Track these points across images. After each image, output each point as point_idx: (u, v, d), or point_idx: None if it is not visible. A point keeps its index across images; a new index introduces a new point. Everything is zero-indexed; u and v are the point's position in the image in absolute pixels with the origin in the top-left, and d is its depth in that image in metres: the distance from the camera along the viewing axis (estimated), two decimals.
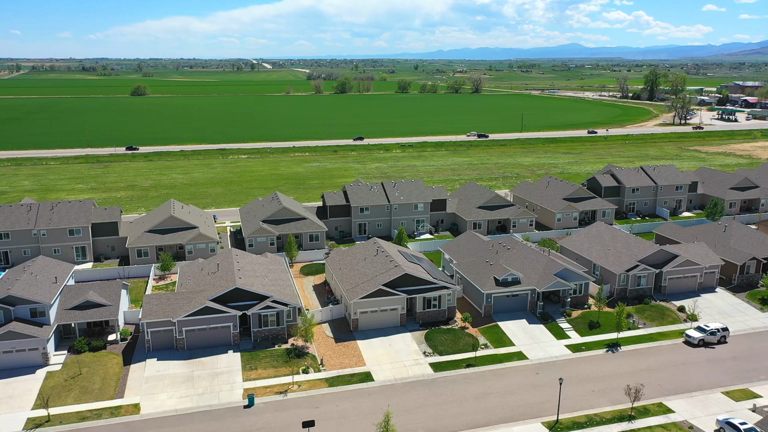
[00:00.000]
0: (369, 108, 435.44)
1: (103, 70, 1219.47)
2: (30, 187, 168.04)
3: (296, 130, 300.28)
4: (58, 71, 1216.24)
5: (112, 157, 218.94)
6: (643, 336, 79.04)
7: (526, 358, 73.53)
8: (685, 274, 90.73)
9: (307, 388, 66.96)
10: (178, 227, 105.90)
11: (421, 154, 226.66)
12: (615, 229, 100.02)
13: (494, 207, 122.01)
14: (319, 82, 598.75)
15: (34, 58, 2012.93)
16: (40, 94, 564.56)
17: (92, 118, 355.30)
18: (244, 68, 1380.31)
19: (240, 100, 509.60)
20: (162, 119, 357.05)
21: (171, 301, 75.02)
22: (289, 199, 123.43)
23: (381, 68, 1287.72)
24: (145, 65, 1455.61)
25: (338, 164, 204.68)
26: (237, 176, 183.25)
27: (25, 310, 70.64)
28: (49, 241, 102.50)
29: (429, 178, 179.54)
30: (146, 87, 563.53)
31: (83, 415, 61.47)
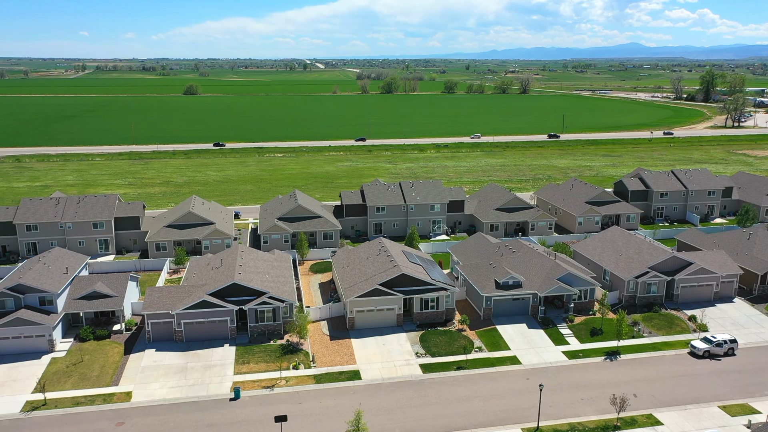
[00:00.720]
0: (412, 108, 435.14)
1: (162, 69, 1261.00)
2: (72, 181, 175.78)
3: (336, 129, 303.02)
4: (121, 71, 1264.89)
5: (153, 154, 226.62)
6: (646, 345, 76.61)
7: (520, 363, 72.45)
8: (699, 283, 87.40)
9: (294, 384, 67.96)
10: (195, 223, 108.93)
11: (455, 155, 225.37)
12: (630, 234, 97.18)
13: (512, 209, 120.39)
14: (365, 82, 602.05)
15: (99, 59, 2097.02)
16: (99, 92, 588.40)
17: (143, 117, 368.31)
18: (297, 68, 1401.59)
19: (287, 99, 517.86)
20: (208, 118, 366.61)
21: (172, 294, 77.40)
22: (307, 197, 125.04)
23: (432, 68, 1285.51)
24: (202, 65, 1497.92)
25: (369, 164, 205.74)
26: (269, 174, 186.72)
27: (35, 298, 74.28)
28: (74, 233, 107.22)
29: (458, 179, 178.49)
30: (198, 86, 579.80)
31: (78, 401, 64.26)
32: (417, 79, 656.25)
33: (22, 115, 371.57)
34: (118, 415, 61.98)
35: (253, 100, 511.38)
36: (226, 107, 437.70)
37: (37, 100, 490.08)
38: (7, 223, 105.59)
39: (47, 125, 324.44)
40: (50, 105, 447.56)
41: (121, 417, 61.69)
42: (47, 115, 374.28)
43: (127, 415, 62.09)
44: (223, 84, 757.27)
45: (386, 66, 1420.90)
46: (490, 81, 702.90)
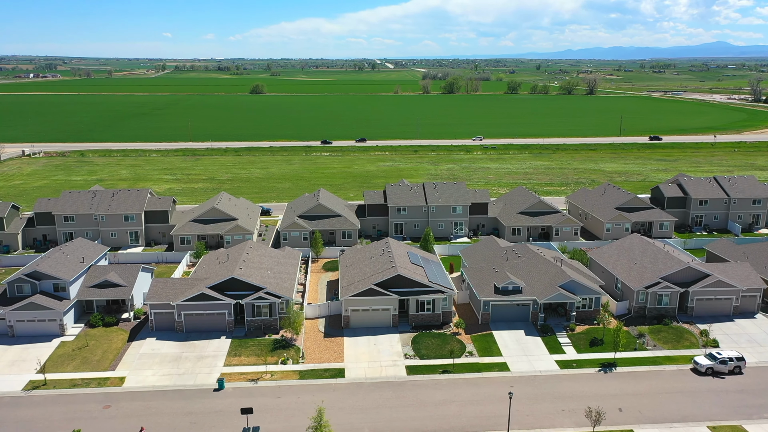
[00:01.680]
0: (471, 109, 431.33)
1: (236, 69, 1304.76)
2: (126, 176, 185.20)
3: (387, 129, 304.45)
4: (197, 71, 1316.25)
5: (206, 151, 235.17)
6: (646, 358, 73.50)
7: (508, 370, 71.15)
8: (717, 296, 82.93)
9: (279, 378, 69.47)
10: (219, 218, 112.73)
11: (501, 156, 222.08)
12: (649, 242, 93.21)
13: (536, 213, 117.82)
14: (426, 82, 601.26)
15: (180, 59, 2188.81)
16: (172, 91, 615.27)
17: (207, 115, 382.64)
18: (366, 68, 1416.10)
19: (349, 99, 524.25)
20: (267, 116, 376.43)
21: (175, 286, 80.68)
22: (332, 196, 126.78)
23: (502, 68, 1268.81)
24: (275, 65, 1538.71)
25: (412, 164, 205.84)
26: (310, 173, 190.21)
27: (49, 284, 79.25)
28: (107, 225, 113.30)
29: (497, 181, 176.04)
30: (264, 86, 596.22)
31: (75, 383, 68.20)
32: (482, 79, 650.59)
33: (97, 113, 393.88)
34: (108, 399, 65.36)
35: (315, 99, 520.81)
36: (288, 106, 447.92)
37: (114, 98, 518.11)
38: (48, 214, 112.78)
39: (119, 122, 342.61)
40: (125, 103, 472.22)
41: (109, 400, 65.03)
42: (120, 113, 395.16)
43: (115, 398, 65.39)
44: (289, 83, 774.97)
45: (456, 66, 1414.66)
46: (558, 82, 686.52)
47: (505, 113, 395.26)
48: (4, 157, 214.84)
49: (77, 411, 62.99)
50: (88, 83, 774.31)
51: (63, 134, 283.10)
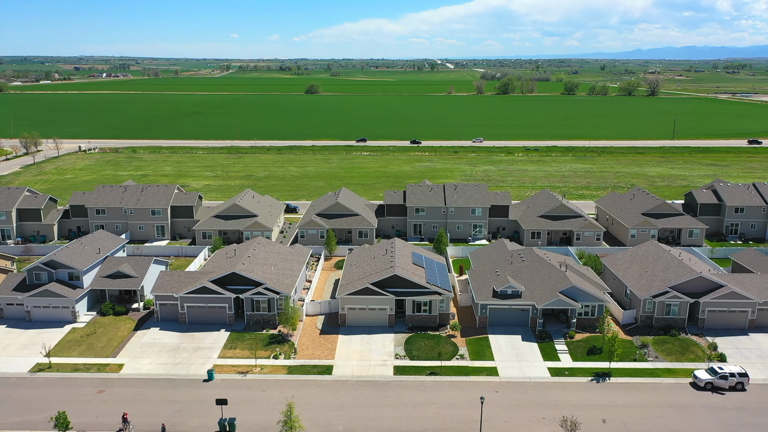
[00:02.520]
0: (522, 109, 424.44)
1: (297, 69, 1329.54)
2: (169, 172, 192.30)
3: (433, 129, 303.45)
4: (260, 71, 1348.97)
5: (251, 149, 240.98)
6: (644, 370, 70.90)
7: (497, 375, 70.16)
8: (730, 308, 79.06)
9: (267, 372, 70.92)
10: (239, 215, 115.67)
11: (542, 159, 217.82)
12: (664, 250, 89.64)
13: (557, 217, 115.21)
14: (480, 82, 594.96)
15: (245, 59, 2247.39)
16: (231, 91, 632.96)
17: (259, 114, 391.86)
18: (425, 68, 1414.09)
19: (402, 99, 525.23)
20: (317, 116, 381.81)
21: (181, 278, 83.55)
22: (353, 195, 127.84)
23: (565, 69, 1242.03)
24: (336, 65, 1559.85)
25: (448, 165, 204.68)
26: (345, 172, 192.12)
27: (65, 273, 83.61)
28: (135, 218, 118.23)
29: (531, 183, 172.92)
30: (319, 86, 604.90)
31: (77, 367, 71.77)
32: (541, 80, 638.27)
33: (157, 111, 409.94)
34: (104, 384, 68.45)
35: (367, 99, 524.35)
36: (338, 106, 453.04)
37: (175, 97, 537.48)
38: (81, 206, 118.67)
39: (175, 120, 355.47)
40: (184, 102, 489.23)
41: (105, 385, 68.10)
42: (178, 111, 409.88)
43: (110, 384, 68.42)
44: (346, 83, 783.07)
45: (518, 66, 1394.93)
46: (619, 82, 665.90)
47: (557, 114, 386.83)
48: (62, 152, 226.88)
49: (73, 394, 66.28)
50: (155, 82, 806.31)
51: (121, 131, 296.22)
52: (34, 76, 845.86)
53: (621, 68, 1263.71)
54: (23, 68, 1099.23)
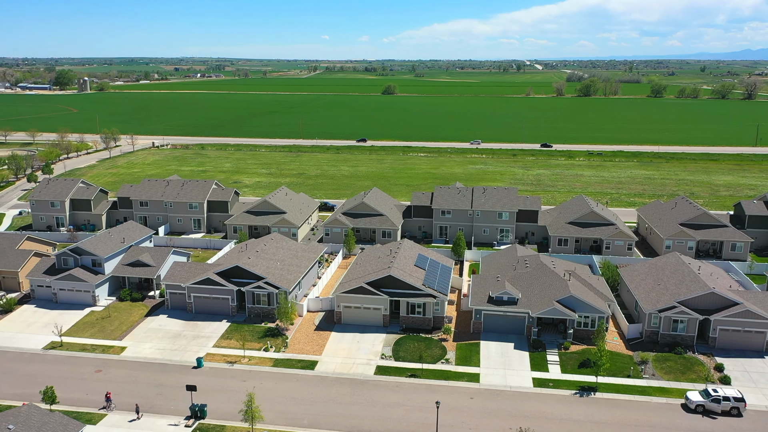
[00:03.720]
0: (599, 112, 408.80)
1: (382, 70, 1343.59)
2: (227, 168, 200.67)
3: (499, 132, 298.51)
4: (346, 71, 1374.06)
5: (312, 147, 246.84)
6: (636, 387, 67.47)
7: (477, 382, 68.99)
8: (745, 328, 73.59)
9: (254, 364, 73.21)
10: (269, 211, 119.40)
11: (603, 164, 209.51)
12: (683, 262, 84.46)
13: (587, 224, 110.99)
14: (561, 84, 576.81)
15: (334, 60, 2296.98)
16: (312, 91, 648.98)
17: (330, 114, 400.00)
18: (511, 69, 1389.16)
19: (477, 100, 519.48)
20: (387, 116, 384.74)
21: (191, 269, 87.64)
22: (384, 195, 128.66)
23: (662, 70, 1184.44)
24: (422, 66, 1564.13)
25: (501, 168, 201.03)
26: (395, 172, 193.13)
27: (89, 260, 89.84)
28: (174, 211, 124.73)
29: (582, 189, 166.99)
30: (396, 87, 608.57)
31: (84, 347, 77.08)
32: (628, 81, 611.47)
33: (235, 110, 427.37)
34: (103, 364, 73.18)
35: (442, 100, 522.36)
36: (410, 106, 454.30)
37: (257, 97, 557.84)
38: (127, 198, 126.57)
39: (249, 119, 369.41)
40: (264, 101, 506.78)
41: (103, 366, 72.80)
42: (255, 110, 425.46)
43: (108, 365, 73.03)
44: (425, 84, 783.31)
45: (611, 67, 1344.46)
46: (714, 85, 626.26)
47: (636, 118, 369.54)
48: (137, 147, 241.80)
49: (73, 371, 71.35)
50: (244, 83, 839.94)
51: (196, 129, 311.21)
52: (134, 76, 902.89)
53: (724, 70, 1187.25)
54: (129, 69, 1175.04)
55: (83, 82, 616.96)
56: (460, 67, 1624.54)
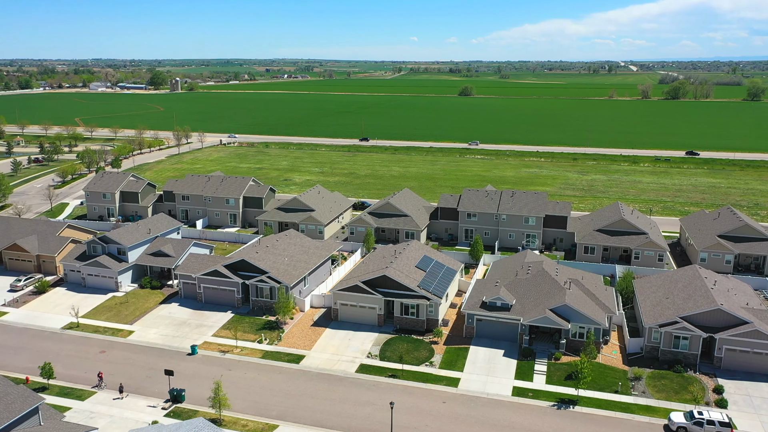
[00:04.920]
0: (685, 116, 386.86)
1: (467, 72, 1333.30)
2: (282, 166, 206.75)
3: (565, 135, 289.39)
4: (430, 73, 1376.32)
5: (370, 148, 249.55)
6: (619, 403, 64.33)
7: (455, 387, 68.12)
8: (755, 349, 68.34)
9: (245, 354, 75.69)
10: (298, 208, 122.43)
11: (667, 170, 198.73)
12: (699, 276, 79.24)
13: (616, 232, 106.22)
14: (647, 86, 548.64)
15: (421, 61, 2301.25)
16: (390, 92, 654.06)
17: (401, 114, 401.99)
18: (601, 71, 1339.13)
19: (556, 103, 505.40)
20: (454, 118, 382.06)
21: (203, 261, 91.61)
22: (413, 196, 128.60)
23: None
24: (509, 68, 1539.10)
25: (555, 172, 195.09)
26: (444, 174, 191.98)
27: (114, 248, 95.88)
28: (213, 206, 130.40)
29: (635, 196, 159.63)
30: (473, 88, 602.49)
31: (97, 329, 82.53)
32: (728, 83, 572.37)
33: (310, 109, 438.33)
34: (109, 346, 78.09)
35: (519, 102, 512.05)
36: (483, 108, 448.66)
37: (334, 97, 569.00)
38: (171, 192, 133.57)
39: (319, 118, 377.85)
40: (340, 101, 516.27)
41: (108, 347, 77.68)
42: (328, 110, 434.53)
43: (113, 347, 77.84)
44: (505, 86, 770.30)
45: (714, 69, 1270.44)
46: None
47: (722, 123, 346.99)
48: (205, 144, 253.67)
49: (80, 351, 76.64)
50: (326, 83, 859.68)
51: (266, 127, 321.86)
52: (225, 77, 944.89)
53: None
54: (224, 70, 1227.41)
55: (175, 82, 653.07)
56: (548, 69, 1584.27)
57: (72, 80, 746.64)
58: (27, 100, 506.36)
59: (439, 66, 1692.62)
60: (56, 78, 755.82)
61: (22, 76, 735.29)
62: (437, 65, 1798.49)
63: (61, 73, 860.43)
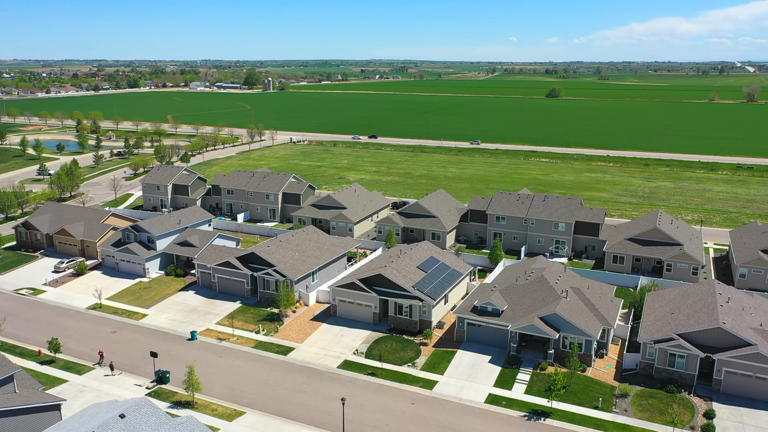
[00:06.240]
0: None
1: (564, 73, 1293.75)
2: (342, 165, 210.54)
3: (648, 139, 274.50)
4: (524, 74, 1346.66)
5: (435, 149, 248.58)
6: (592, 419, 61.24)
7: (430, 389, 67.46)
8: (757, 374, 62.78)
9: (240, 343, 78.58)
10: (331, 206, 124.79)
11: (746, 180, 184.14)
12: (713, 291, 73.45)
13: (648, 242, 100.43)
14: (753, 89, 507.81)
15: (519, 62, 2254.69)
16: (475, 93, 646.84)
17: (477, 116, 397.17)
18: (712, 72, 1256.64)
19: (649, 105, 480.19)
20: (532, 120, 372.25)
21: (220, 252, 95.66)
22: (447, 197, 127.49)
23: None
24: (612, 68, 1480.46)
25: (619, 178, 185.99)
26: (500, 177, 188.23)
27: (145, 236, 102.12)
28: (254, 200, 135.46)
29: (699, 206, 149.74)
30: (561, 89, 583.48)
31: (116, 310, 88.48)
32: None
33: (391, 110, 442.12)
34: (121, 327, 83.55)
35: (606, 104, 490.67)
36: (565, 110, 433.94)
37: (418, 98, 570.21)
38: (217, 186, 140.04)
39: (397, 118, 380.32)
40: (423, 102, 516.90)
41: (120, 328, 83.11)
42: (408, 110, 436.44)
43: (125, 328, 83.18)
44: (601, 88, 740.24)
45: None
46: None
47: None
48: (276, 142, 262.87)
49: (94, 329, 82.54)
50: (416, 84, 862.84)
51: (341, 127, 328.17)
52: (318, 77, 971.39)
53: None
54: (321, 70, 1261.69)
55: (267, 82, 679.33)
56: (653, 70, 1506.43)
57: (175, 80, 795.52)
58: (132, 98, 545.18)
59: (535, 67, 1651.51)
60: (162, 78, 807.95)
61: (132, 76, 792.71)
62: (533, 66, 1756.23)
63: (169, 73, 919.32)
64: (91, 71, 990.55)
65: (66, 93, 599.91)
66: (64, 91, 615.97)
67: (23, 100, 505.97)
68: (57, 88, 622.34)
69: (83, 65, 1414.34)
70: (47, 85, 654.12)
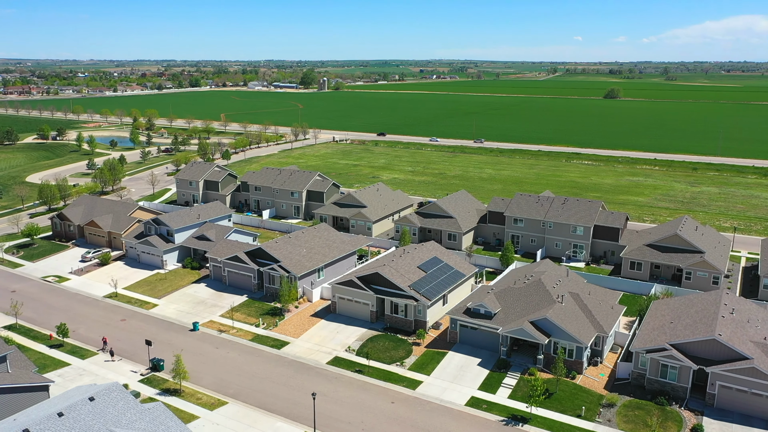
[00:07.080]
0: None
1: (629, 73, 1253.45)
2: (378, 164, 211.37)
3: (702, 143, 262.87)
4: (587, 74, 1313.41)
5: (476, 149, 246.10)
6: (573, 427, 59.67)
7: (413, 389, 67.27)
8: (752, 389, 59.55)
9: (238, 335, 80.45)
10: (351, 204, 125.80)
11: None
12: (718, 301, 69.98)
13: (668, 249, 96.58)
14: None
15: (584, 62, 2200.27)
16: (530, 93, 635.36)
17: (527, 117, 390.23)
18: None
19: (713, 107, 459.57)
20: (584, 121, 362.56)
21: (231, 247, 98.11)
22: (468, 197, 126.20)
23: None
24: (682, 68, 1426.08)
25: (660, 182, 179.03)
26: (536, 179, 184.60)
27: (164, 230, 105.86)
28: (280, 198, 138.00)
29: (741, 212, 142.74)
30: (620, 90, 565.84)
31: (129, 299, 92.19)
32: None
33: (441, 110, 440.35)
34: (131, 315, 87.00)
35: (663, 106, 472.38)
36: (621, 111, 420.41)
37: (470, 98, 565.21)
38: (245, 183, 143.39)
39: (445, 118, 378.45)
40: (474, 102, 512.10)
41: (130, 316, 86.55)
42: (457, 111, 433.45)
43: (134, 317, 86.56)
44: (665, 89, 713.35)
45: None
46: None
47: None
48: (319, 141, 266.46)
49: (106, 317, 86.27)
50: (472, 84, 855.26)
51: (386, 126, 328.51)
52: (374, 77, 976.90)
53: None
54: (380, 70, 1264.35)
55: (322, 82, 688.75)
56: (726, 70, 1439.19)
57: (236, 79, 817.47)
58: (191, 97, 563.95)
59: (599, 67, 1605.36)
60: (222, 77, 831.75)
61: (195, 75, 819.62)
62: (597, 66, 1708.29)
63: (231, 73, 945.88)
64: (159, 71, 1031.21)
65: (131, 92, 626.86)
66: (129, 90, 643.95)
67: (90, 98, 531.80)
68: (123, 87, 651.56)
69: (153, 65, 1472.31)
70: (115, 84, 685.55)
